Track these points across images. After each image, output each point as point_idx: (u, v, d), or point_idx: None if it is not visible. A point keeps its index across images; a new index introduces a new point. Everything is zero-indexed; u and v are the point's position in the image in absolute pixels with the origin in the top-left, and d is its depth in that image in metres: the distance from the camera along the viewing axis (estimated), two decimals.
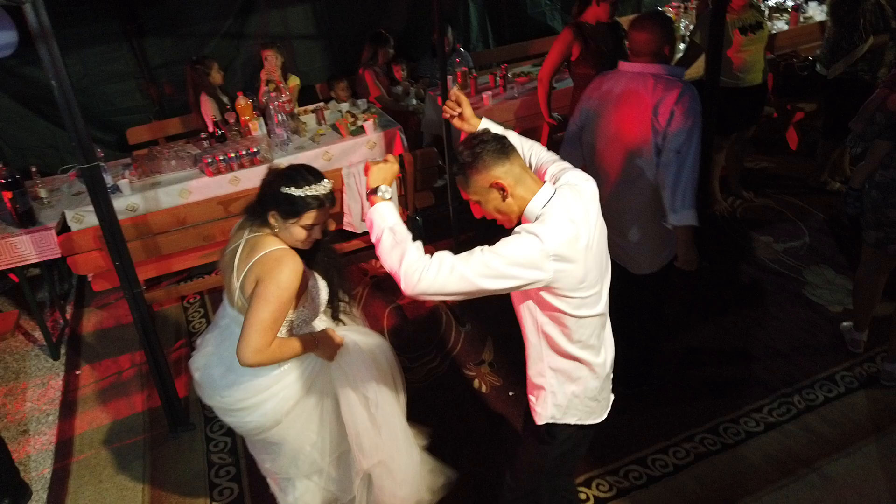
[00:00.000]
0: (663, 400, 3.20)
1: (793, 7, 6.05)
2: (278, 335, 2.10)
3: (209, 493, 2.98)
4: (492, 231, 1.94)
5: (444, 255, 1.71)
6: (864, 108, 3.13)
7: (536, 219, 1.79)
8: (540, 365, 1.97)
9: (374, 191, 1.84)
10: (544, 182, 1.86)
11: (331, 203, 2.08)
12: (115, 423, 3.47)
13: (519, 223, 1.85)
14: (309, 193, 2.02)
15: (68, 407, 3.62)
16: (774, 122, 5.53)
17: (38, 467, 3.25)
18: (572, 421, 2.02)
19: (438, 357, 3.65)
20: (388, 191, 1.85)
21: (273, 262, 2.01)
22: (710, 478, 2.82)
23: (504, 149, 1.81)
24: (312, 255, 2.22)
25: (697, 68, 4.57)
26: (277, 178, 2.05)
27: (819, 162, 4.93)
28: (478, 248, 1.72)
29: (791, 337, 3.55)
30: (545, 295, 1.81)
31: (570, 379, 1.95)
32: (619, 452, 2.95)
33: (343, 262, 2.38)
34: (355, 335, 2.40)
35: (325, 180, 2.07)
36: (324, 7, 5.83)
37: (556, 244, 1.71)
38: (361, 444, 2.30)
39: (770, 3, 6.26)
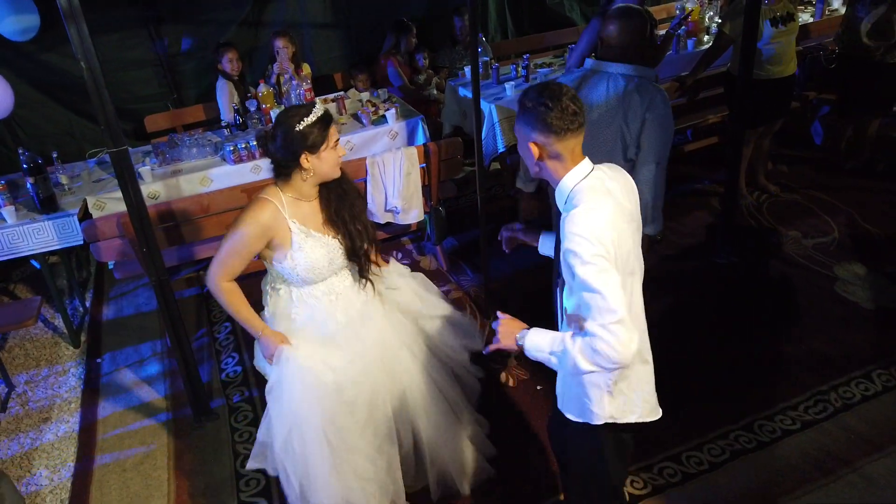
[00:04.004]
0: (696, 397, 3.15)
1: None
2: (281, 290, 2.30)
3: (235, 483, 2.94)
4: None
5: (593, 331, 1.64)
6: None
7: (566, 199, 1.78)
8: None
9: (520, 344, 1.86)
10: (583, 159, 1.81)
11: (332, 117, 2.17)
12: (139, 412, 3.43)
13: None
14: (318, 115, 2.09)
15: (90, 395, 3.58)
16: (799, 115, 5.45)
17: (61, 455, 3.22)
18: (632, 418, 1.93)
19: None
20: (523, 336, 1.84)
21: (245, 207, 2.16)
22: (746, 476, 2.76)
23: (563, 123, 1.71)
24: (337, 212, 2.25)
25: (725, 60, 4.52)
26: (284, 126, 2.09)
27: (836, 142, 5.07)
28: (580, 292, 1.67)
29: (824, 334, 3.48)
30: None
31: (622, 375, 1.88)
32: (652, 449, 2.89)
33: (365, 219, 2.35)
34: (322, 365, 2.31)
35: (316, 104, 2.14)
36: None
37: (601, 223, 1.68)
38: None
39: None
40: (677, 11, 5.80)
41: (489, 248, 3.66)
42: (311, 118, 2.07)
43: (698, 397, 3.14)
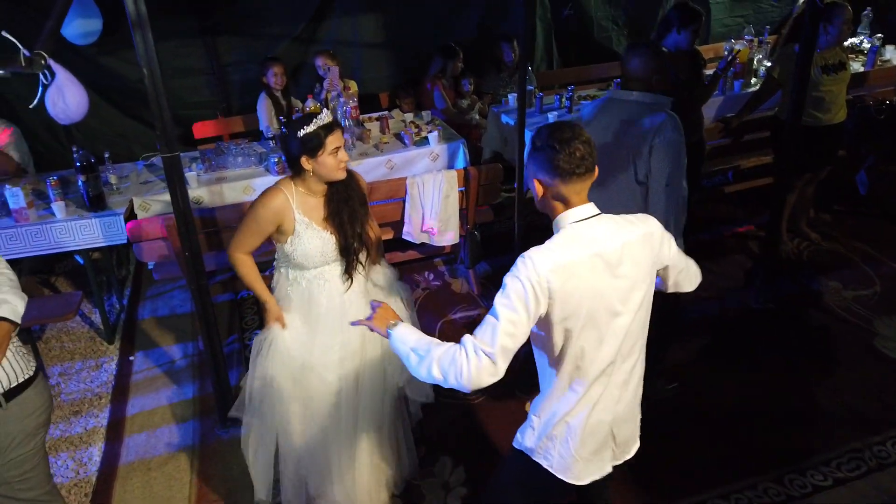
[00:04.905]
0: (725, 444, 3.08)
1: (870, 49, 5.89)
2: (282, 268, 2.58)
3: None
4: None
5: (465, 344, 1.68)
6: None
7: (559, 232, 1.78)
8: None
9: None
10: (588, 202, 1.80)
11: (338, 125, 2.38)
12: (166, 412, 3.48)
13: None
14: (319, 124, 2.33)
15: (121, 392, 3.65)
16: (845, 163, 5.36)
17: (88, 449, 3.28)
18: (544, 463, 1.93)
19: None
20: (394, 325, 1.88)
21: (262, 194, 2.46)
22: None
23: (569, 167, 1.70)
24: (336, 211, 2.47)
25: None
26: (290, 132, 2.35)
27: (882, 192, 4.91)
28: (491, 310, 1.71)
29: (861, 389, 3.39)
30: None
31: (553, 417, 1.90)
32: (677, 494, 2.84)
33: (365, 225, 2.55)
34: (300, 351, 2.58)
35: (323, 111, 2.37)
36: (394, 17, 5.87)
37: (548, 267, 1.66)
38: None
39: (845, 44, 6.10)
40: (725, 52, 5.78)
41: None
42: (312, 126, 2.31)
43: (727, 445, 3.08)
